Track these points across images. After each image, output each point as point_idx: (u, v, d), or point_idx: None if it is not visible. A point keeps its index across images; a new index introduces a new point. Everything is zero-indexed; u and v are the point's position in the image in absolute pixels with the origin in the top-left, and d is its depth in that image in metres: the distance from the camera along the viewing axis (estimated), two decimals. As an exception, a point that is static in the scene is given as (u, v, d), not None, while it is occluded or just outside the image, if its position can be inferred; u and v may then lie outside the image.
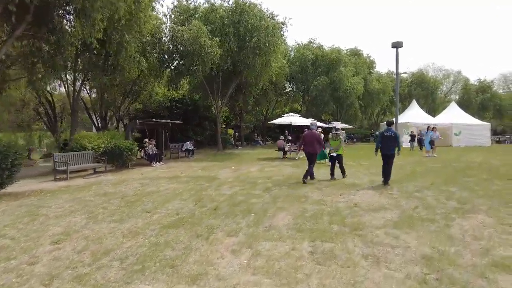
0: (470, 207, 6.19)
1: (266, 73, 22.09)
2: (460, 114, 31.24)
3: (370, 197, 7.17)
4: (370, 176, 10.32)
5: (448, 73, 50.48)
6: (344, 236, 4.57)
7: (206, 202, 6.72)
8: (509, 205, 6.30)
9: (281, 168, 12.51)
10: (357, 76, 31.73)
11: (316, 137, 9.34)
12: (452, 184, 8.72)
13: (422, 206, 6.26)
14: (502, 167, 12.58)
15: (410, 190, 7.87)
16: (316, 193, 7.56)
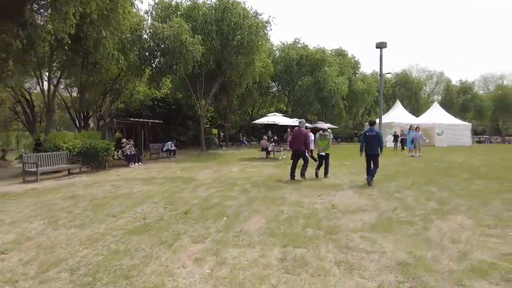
0: (449, 207, 6.05)
1: (250, 72, 21.80)
2: (442, 115, 31.68)
3: (349, 198, 6.96)
4: (351, 176, 10.16)
5: (431, 74, 51.34)
6: (318, 240, 4.32)
7: (178, 205, 6.38)
8: (488, 205, 6.19)
9: (263, 169, 12.25)
10: (342, 76, 31.82)
11: (304, 135, 9.37)
12: (433, 184, 8.62)
13: (402, 207, 6.08)
14: (482, 167, 12.64)
15: (391, 191, 7.71)
16: (295, 194, 7.31)
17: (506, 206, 6.14)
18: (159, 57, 19.67)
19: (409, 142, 17.51)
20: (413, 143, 17.08)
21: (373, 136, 8.66)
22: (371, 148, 8.69)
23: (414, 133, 17.38)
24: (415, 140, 16.99)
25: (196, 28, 18.87)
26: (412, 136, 17.24)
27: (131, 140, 15.36)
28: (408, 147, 17.63)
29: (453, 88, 48.24)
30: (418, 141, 17.06)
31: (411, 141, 17.17)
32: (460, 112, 45.29)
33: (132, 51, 18.23)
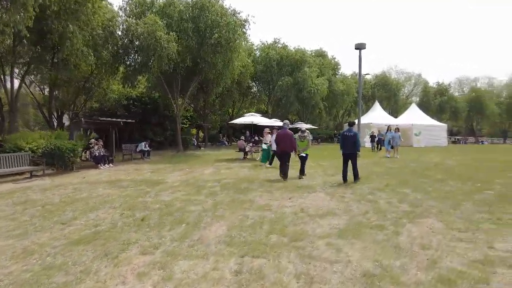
0: (421, 210, 5.85)
1: (228, 71, 21.38)
2: (420, 116, 32.26)
3: (320, 200, 6.68)
4: (326, 177, 9.93)
5: (410, 76, 52.37)
6: (280, 249, 3.98)
7: (137, 211, 5.91)
8: (460, 207, 6.03)
9: (238, 170, 11.87)
10: (322, 77, 31.85)
11: (289, 136, 9.52)
12: (407, 185, 8.47)
13: (373, 211, 5.83)
14: (456, 167, 12.71)
15: (364, 192, 7.49)
16: (265, 197, 6.97)
17: (477, 207, 6.01)
18: (133, 54, 18.99)
19: (386, 142, 17.34)
20: (390, 143, 16.90)
21: (352, 136, 8.80)
22: (348, 148, 8.82)
23: (392, 133, 17.25)
24: (393, 140, 16.78)
25: (172, 25, 18.30)
26: (389, 137, 17.05)
27: (100, 140, 14.66)
28: (386, 148, 17.47)
29: (430, 90, 49.32)
30: (396, 142, 16.87)
31: (388, 142, 17.01)
32: (437, 113, 46.33)
33: (105, 48, 17.49)
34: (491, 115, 50.72)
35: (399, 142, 17.10)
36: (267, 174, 10.64)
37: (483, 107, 49.04)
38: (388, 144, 17.01)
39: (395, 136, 16.93)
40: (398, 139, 17.00)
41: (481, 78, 57.42)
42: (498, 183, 8.76)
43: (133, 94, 25.28)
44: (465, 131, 56.90)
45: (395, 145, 16.82)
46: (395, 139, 16.85)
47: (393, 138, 16.89)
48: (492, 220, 5.23)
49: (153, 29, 16.39)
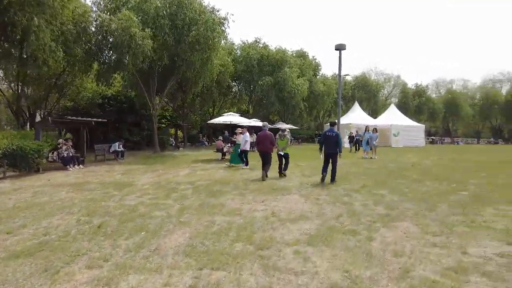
0: (397, 213, 5.67)
1: (207, 70, 20.94)
2: (398, 116, 32.72)
3: (294, 203, 6.41)
4: (303, 178, 9.69)
5: (389, 77, 53.26)
6: (244, 259, 3.66)
7: (96, 217, 5.46)
8: (435, 209, 5.90)
9: (214, 172, 11.48)
10: (302, 77, 31.80)
11: (269, 137, 9.87)
12: (384, 186, 8.34)
13: (347, 214, 5.61)
14: (433, 167, 12.77)
15: (339, 194, 7.28)
16: (237, 200, 6.64)
17: (452, 209, 5.89)
18: (107, 51, 18.26)
19: (364, 143, 17.12)
20: (368, 144, 16.75)
21: (333, 137, 8.89)
22: (330, 147, 8.91)
23: (370, 134, 17.09)
24: (371, 141, 16.67)
25: (148, 21, 17.68)
26: (367, 137, 16.87)
27: (69, 140, 13.95)
28: (364, 148, 17.34)
29: (409, 91, 50.30)
30: (373, 142, 16.70)
31: (367, 142, 16.82)
32: (415, 114, 47.26)
33: (78, 44, 16.68)
34: (466, 116, 52.29)
35: (376, 142, 16.99)
36: (244, 176, 10.32)
37: (458, 109, 50.47)
38: (367, 144, 16.81)
39: (373, 137, 16.78)
40: (376, 139, 16.88)
41: (456, 80, 59.23)
42: (472, 183, 8.77)
43: (109, 93, 24.45)
44: (442, 132, 58.44)
45: (373, 145, 16.67)
46: (372, 139, 16.70)
47: (371, 138, 16.74)
48: (466, 222, 5.10)
49: (128, 25, 15.76)
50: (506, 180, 9.32)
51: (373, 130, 17.18)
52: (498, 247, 4.10)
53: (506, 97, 52.62)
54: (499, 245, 4.16)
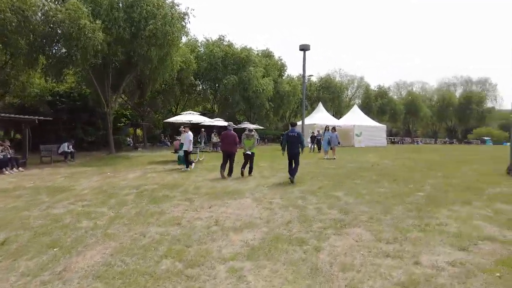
0: (351, 218, 5.31)
1: (166, 67, 19.98)
2: (361, 117, 33.34)
3: (244, 208, 5.89)
4: (261, 180, 9.23)
5: (353, 79, 54.52)
6: (166, 281, 3.07)
7: (6, 230, 4.63)
8: (390, 212, 5.62)
9: (166, 174, 10.72)
10: (268, 77, 31.49)
11: (233, 137, 9.94)
12: (341, 188, 8.05)
13: (298, 219, 5.17)
14: (392, 167, 12.80)
15: (294, 197, 6.87)
16: (182, 207, 6.02)
17: (407, 212, 5.64)
18: (55, 44, 16.84)
19: (325, 143, 16.62)
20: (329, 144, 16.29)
21: (295, 137, 9.04)
22: (292, 147, 9.06)
23: (329, 133, 16.50)
24: (331, 141, 16.13)
25: (100, 13, 16.48)
26: (327, 137, 16.41)
27: (6, 141, 12.59)
28: (324, 148, 16.73)
29: (372, 93, 51.73)
30: (333, 142, 16.14)
31: (328, 142, 16.34)
32: (378, 115, 48.66)
33: (20, 35, 15.15)
34: (424, 117, 54.70)
35: (336, 142, 16.44)
36: (198, 178, 9.68)
37: (417, 110, 52.63)
38: (328, 144, 16.36)
39: (333, 137, 16.24)
40: (336, 139, 16.35)
41: (416, 83, 61.97)
42: (428, 184, 8.72)
43: (60, 90, 22.74)
44: (403, 132, 60.81)
45: (333, 145, 16.14)
46: (332, 139, 16.16)
47: (331, 138, 16.19)
48: (420, 226, 4.83)
49: (76, 16, 14.54)
50: (460, 180, 9.40)
51: (332, 130, 16.66)
52: (450, 253, 3.82)
53: (459, 99, 55.72)
54: (451, 251, 3.89)
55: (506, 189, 8.13)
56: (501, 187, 8.38)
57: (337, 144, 16.35)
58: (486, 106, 56.63)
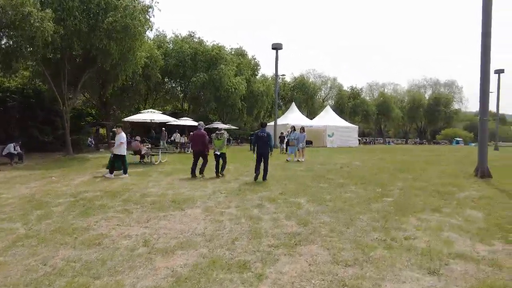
0: (308, 231, 4.62)
1: (129, 62, 18.73)
2: (333, 117, 33.24)
3: (188, 221, 5.08)
4: (220, 184, 8.42)
5: (326, 80, 54.68)
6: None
7: None
8: (354, 223, 4.99)
9: (117, 179, 9.69)
10: (240, 76, 30.70)
11: (203, 137, 9.93)
12: (304, 193, 7.39)
13: (248, 235, 4.42)
14: (361, 169, 12.37)
15: (251, 205, 6.12)
16: (113, 221, 5.10)
17: (372, 223, 5.03)
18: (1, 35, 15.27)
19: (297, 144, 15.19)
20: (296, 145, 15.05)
21: (264, 137, 9.18)
22: (262, 147, 9.21)
23: (296, 134, 15.19)
24: (297, 142, 14.90)
25: (52, 2, 15.09)
26: (292, 138, 15.11)
27: None
28: (289, 151, 15.40)
29: (345, 93, 52.08)
30: (302, 143, 14.98)
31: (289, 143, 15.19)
32: (350, 115, 49.03)
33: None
34: (396, 118, 55.77)
35: (304, 143, 15.25)
36: (151, 184, 8.74)
37: (389, 111, 53.55)
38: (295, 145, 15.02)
39: (300, 137, 14.95)
40: (303, 140, 15.10)
41: (387, 84, 63.09)
42: (397, 187, 8.27)
43: (11, 85, 20.91)
44: (375, 133, 61.81)
45: (301, 147, 14.93)
46: (300, 140, 14.90)
47: (298, 139, 14.92)
48: (386, 242, 4.20)
49: (20, 2, 13.14)
50: (429, 183, 9.02)
51: (301, 130, 15.39)
52: (418, 279, 3.19)
53: (429, 101, 57.28)
54: (420, 276, 3.26)
55: (474, 192, 7.80)
56: (470, 190, 8.05)
57: (305, 145, 15.31)
58: (453, 107, 58.52)
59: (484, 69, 10.41)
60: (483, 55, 10.39)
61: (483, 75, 10.47)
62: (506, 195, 7.57)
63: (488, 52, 10.36)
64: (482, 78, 10.49)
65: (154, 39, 28.66)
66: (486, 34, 10.32)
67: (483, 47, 10.40)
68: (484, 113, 10.57)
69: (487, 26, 10.31)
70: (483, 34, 10.39)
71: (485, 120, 10.54)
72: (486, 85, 10.53)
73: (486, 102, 10.65)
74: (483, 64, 10.39)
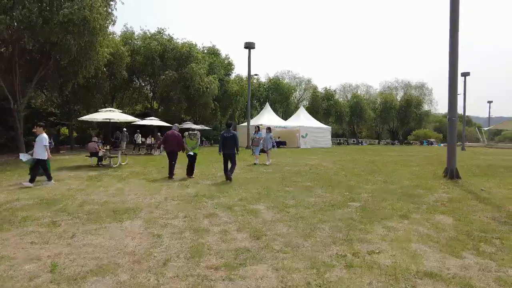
0: (260, 245, 3.98)
1: (90, 58, 17.52)
2: (307, 118, 33.06)
3: (122, 236, 4.30)
4: (176, 190, 7.65)
5: (301, 81, 54.60)
6: None
7: None
8: (313, 234, 4.41)
9: (63, 184, 8.72)
10: (212, 75, 29.87)
11: (176, 137, 9.80)
12: (266, 198, 6.78)
13: (186, 254, 3.71)
14: (331, 170, 11.95)
15: (203, 214, 5.42)
16: (30, 236, 4.23)
17: (334, 234, 4.46)
18: None
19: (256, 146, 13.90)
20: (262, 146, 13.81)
21: (230, 137, 9.16)
22: (227, 148, 9.16)
23: (260, 134, 13.83)
24: (264, 143, 13.70)
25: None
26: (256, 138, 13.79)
27: None
28: (254, 152, 14.07)
29: (319, 95, 52.14)
30: (267, 145, 13.65)
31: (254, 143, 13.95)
32: (324, 116, 49.13)
33: None
34: (368, 119, 56.54)
35: (270, 145, 13.83)
36: (96, 190, 7.86)
37: (362, 112, 54.19)
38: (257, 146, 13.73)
39: (266, 138, 13.66)
40: (269, 141, 13.76)
41: (361, 86, 63.90)
42: (366, 190, 7.82)
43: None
44: (348, 134, 62.50)
45: (266, 148, 13.65)
46: (266, 141, 13.64)
47: (264, 140, 13.64)
48: (346, 258, 3.62)
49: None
50: (399, 185, 8.67)
51: (267, 130, 14.11)
52: (381, 309, 2.60)
53: (400, 102, 58.51)
54: (384, 304, 2.68)
55: (443, 194, 7.48)
56: (439, 192, 7.73)
57: (271, 147, 14.05)
58: (424, 109, 60.06)
59: (453, 66, 10.23)
60: (451, 54, 10.21)
61: (451, 74, 10.29)
62: (474, 196, 7.30)
63: (456, 51, 10.19)
64: (450, 78, 10.31)
65: (122, 35, 27.35)
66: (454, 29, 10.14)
67: (451, 47, 10.22)
68: (453, 113, 10.37)
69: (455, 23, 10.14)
70: (451, 33, 10.21)
71: (454, 120, 10.34)
72: (454, 84, 10.37)
73: (454, 101, 10.47)
74: (451, 62, 10.21)
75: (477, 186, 8.68)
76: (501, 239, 4.38)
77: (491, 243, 4.20)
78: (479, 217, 5.47)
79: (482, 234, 4.55)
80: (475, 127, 66.46)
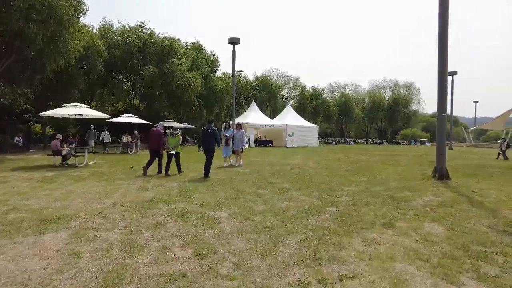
0: (204, 268, 3.09)
1: (58, 50, 16.35)
2: (294, 117, 32.32)
3: (30, 253, 3.34)
4: (134, 193, 6.70)
5: (289, 79, 53.89)
6: None
7: None
8: (275, 250, 3.53)
9: (10, 187, 7.66)
10: (196, 72, 28.81)
11: (159, 135, 9.79)
12: (232, 203, 5.88)
13: (100, 282, 2.79)
14: (313, 170, 11.17)
15: (147, 224, 4.49)
16: None
17: (301, 249, 3.59)
18: None
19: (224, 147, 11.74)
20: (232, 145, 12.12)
21: (210, 133, 9.37)
22: (206, 143, 9.43)
23: (231, 131, 12.14)
24: (235, 141, 12.07)
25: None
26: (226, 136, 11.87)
27: None
28: (223, 154, 11.90)
29: (307, 93, 51.52)
30: (237, 144, 12.11)
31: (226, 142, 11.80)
32: (312, 115, 48.54)
33: None
34: (357, 118, 56.24)
35: (241, 144, 12.29)
36: (41, 193, 6.84)
37: (350, 111, 53.84)
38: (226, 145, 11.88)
39: (237, 136, 12.07)
40: (240, 139, 12.22)
41: (349, 85, 63.64)
42: (347, 192, 7.00)
43: None
44: (336, 133, 62.15)
45: (237, 147, 12.13)
46: (235, 140, 12.06)
47: (234, 138, 12.05)
48: (310, 286, 2.76)
49: None
50: (384, 186, 7.89)
51: (237, 127, 12.47)
52: None
53: (388, 102, 58.38)
54: None
55: (433, 197, 6.72)
56: (428, 195, 6.96)
57: (243, 146, 12.56)
58: (411, 108, 60.09)
59: (442, 62, 9.53)
60: (440, 49, 9.51)
61: (441, 68, 9.58)
62: (466, 199, 6.56)
63: (445, 46, 9.50)
64: (439, 71, 9.60)
65: (100, 29, 26.05)
66: (444, 25, 9.43)
67: (440, 43, 9.51)
68: (442, 109, 9.66)
69: (444, 21, 9.44)
70: (440, 28, 9.51)
71: (443, 117, 9.63)
72: (444, 80, 9.66)
73: (444, 97, 9.76)
74: (441, 57, 9.50)
75: (468, 187, 7.98)
76: (504, 254, 3.59)
77: (492, 261, 3.40)
78: (474, 225, 4.70)
79: (480, 249, 3.76)
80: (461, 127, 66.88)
